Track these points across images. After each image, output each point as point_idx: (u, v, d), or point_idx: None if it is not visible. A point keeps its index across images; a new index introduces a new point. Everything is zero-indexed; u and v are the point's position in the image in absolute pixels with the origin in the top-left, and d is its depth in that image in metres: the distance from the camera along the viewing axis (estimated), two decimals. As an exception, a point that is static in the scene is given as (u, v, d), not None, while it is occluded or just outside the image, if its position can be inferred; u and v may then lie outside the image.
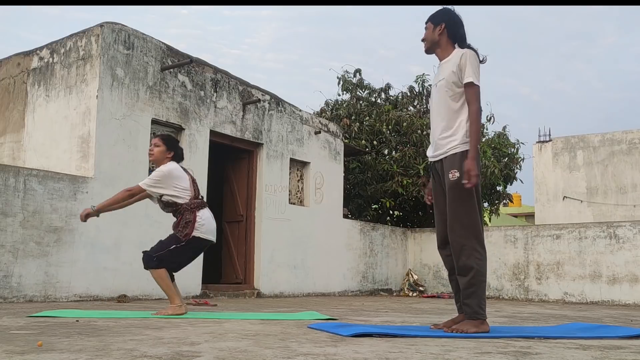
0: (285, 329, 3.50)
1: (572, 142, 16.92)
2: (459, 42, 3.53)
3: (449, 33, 3.53)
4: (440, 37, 3.53)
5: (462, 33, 3.54)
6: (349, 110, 13.05)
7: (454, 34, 3.53)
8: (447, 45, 3.54)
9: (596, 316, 5.79)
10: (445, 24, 3.52)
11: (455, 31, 3.53)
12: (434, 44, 3.58)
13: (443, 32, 3.53)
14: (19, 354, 2.23)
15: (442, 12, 3.59)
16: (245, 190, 8.85)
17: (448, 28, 3.52)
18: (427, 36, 3.60)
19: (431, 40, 3.58)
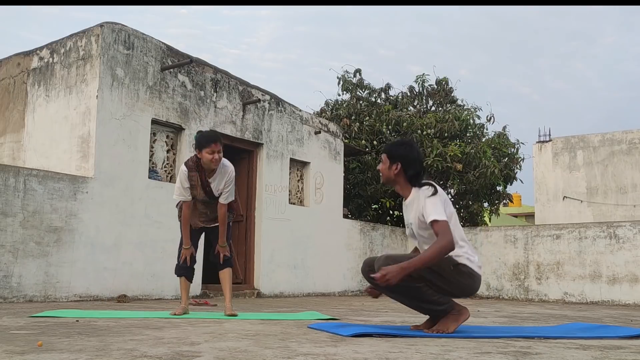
0: (285, 329, 3.50)
1: (572, 142, 16.92)
2: (415, 180, 3.37)
3: (405, 172, 3.36)
4: (396, 176, 3.38)
5: (418, 170, 3.37)
6: (349, 110, 13.05)
7: (410, 174, 3.36)
8: (404, 184, 3.39)
9: (596, 316, 5.79)
10: (400, 164, 3.35)
11: (410, 170, 3.36)
12: (391, 182, 3.44)
13: (399, 172, 3.37)
14: (19, 354, 2.23)
15: (399, 149, 3.40)
16: (245, 190, 8.85)
17: (404, 168, 3.36)
18: (382, 171, 3.44)
19: (387, 177, 3.43)
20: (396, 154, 3.38)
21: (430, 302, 3.28)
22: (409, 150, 3.40)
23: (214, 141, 4.22)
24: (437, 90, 13.78)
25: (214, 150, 4.23)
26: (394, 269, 3.09)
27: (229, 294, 4.59)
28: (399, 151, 3.39)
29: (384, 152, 3.47)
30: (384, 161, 3.42)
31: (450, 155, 11.80)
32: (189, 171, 4.37)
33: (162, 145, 7.51)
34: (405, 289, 3.25)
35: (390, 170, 3.39)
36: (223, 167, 4.38)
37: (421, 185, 3.34)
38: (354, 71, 13.68)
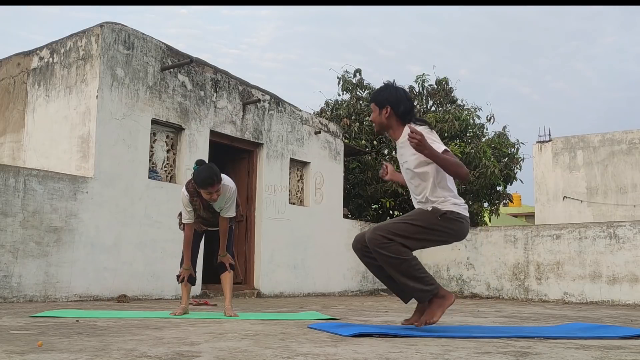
0: (285, 329, 3.50)
1: (572, 142, 16.92)
2: (403, 119, 3.42)
3: (396, 114, 3.41)
4: (388, 119, 3.44)
5: (407, 108, 3.42)
6: (349, 110, 13.05)
7: (401, 113, 3.41)
8: (397, 125, 3.43)
9: (596, 316, 5.79)
10: (390, 107, 3.41)
11: (400, 110, 3.41)
12: (383, 127, 3.49)
13: (390, 115, 3.42)
14: (19, 354, 2.23)
15: (384, 92, 3.46)
16: (245, 190, 8.84)
17: (394, 109, 3.41)
18: (374, 119, 3.50)
19: (379, 123, 3.48)
20: (382, 98, 3.45)
21: (417, 280, 3.26)
22: (393, 91, 3.47)
23: (210, 185, 4.19)
24: (437, 90, 13.78)
25: (210, 192, 4.23)
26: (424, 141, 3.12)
27: (229, 295, 4.59)
28: (384, 95, 3.46)
29: (370, 101, 3.54)
30: (374, 110, 3.50)
31: (450, 155, 11.79)
32: (191, 196, 4.38)
33: (162, 145, 7.51)
34: (396, 261, 3.26)
35: (381, 115, 3.46)
36: (223, 187, 4.35)
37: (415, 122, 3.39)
38: (354, 71, 13.68)
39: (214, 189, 4.20)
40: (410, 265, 3.27)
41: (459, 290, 10.94)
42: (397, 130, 3.46)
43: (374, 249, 3.31)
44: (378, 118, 3.48)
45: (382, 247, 3.27)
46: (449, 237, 3.39)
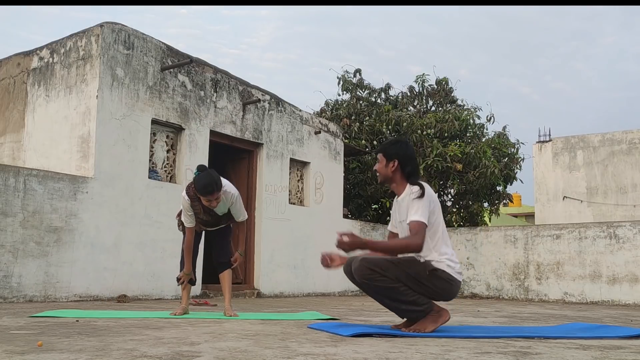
0: (285, 329, 3.50)
1: (572, 142, 16.92)
2: (411, 177, 3.43)
3: (402, 170, 3.43)
4: (393, 174, 3.45)
5: (414, 167, 3.45)
6: (349, 110, 13.05)
7: (406, 171, 3.43)
8: (401, 180, 3.45)
9: (596, 316, 5.79)
10: (398, 161, 3.43)
11: (407, 167, 3.43)
12: (387, 180, 3.50)
13: (396, 169, 3.44)
14: (19, 354, 2.23)
15: (395, 147, 3.48)
16: (245, 190, 8.84)
17: (401, 165, 3.43)
18: (379, 170, 3.51)
19: (384, 175, 3.49)
20: (392, 152, 3.46)
21: (408, 303, 3.27)
22: (404, 147, 3.48)
23: (210, 193, 4.21)
24: (437, 90, 13.78)
25: (210, 200, 4.25)
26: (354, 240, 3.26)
27: (229, 295, 4.59)
28: (394, 149, 3.47)
29: (379, 151, 3.53)
30: (380, 160, 3.49)
31: (450, 155, 11.81)
32: (192, 201, 4.37)
33: (162, 145, 7.51)
34: (384, 289, 3.27)
35: (387, 168, 3.46)
36: (224, 193, 4.37)
37: (414, 183, 3.38)
38: (354, 71, 13.68)
39: (213, 196, 4.22)
40: (399, 292, 3.26)
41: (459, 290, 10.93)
42: (400, 186, 3.46)
43: (361, 280, 3.34)
44: (384, 170, 3.48)
45: (368, 279, 3.29)
46: (434, 294, 3.33)
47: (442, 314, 3.31)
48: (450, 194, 13.47)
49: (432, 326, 3.26)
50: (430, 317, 3.29)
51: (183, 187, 7.47)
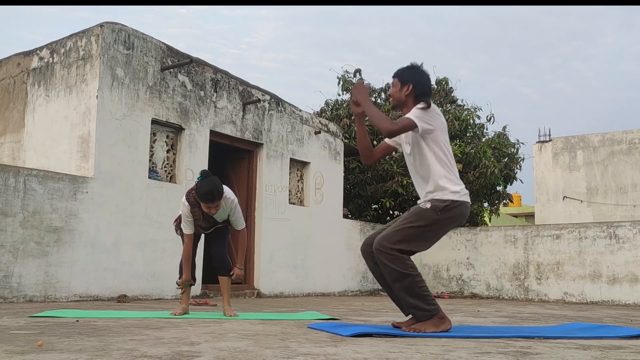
0: (285, 329, 3.50)
1: (572, 142, 16.92)
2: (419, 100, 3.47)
3: (416, 94, 3.47)
4: (407, 97, 3.49)
5: (427, 92, 3.50)
6: (349, 110, 13.04)
7: (419, 95, 3.46)
8: (412, 105, 3.47)
9: (596, 316, 5.79)
10: (412, 85, 3.47)
11: (421, 92, 3.47)
12: (401, 104, 3.53)
13: (410, 93, 3.47)
14: (19, 354, 2.23)
15: (410, 71, 3.52)
16: (245, 190, 8.85)
17: (415, 89, 3.47)
18: (393, 94, 3.55)
19: (397, 99, 3.53)
20: (408, 76, 3.51)
21: (419, 297, 3.27)
22: (420, 73, 3.54)
23: (211, 200, 4.22)
24: (437, 90, 13.78)
25: (210, 207, 4.26)
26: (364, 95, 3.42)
27: (227, 297, 4.59)
28: (410, 73, 3.52)
29: (395, 76, 3.57)
30: (395, 85, 3.55)
31: (450, 155, 11.79)
32: (192, 207, 4.38)
33: (162, 145, 7.51)
34: (402, 275, 3.26)
35: (401, 92, 3.52)
36: (224, 200, 4.37)
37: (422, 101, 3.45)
38: (354, 71, 13.68)
39: (213, 204, 4.23)
40: (414, 281, 3.27)
41: (459, 290, 10.94)
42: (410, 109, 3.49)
43: (381, 260, 3.32)
44: (398, 94, 3.53)
45: (389, 260, 3.28)
46: (452, 223, 3.42)
47: (444, 321, 3.30)
48: (450, 194, 13.44)
49: (432, 329, 3.25)
50: (433, 320, 3.28)
51: (183, 187, 7.51)
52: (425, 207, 3.35)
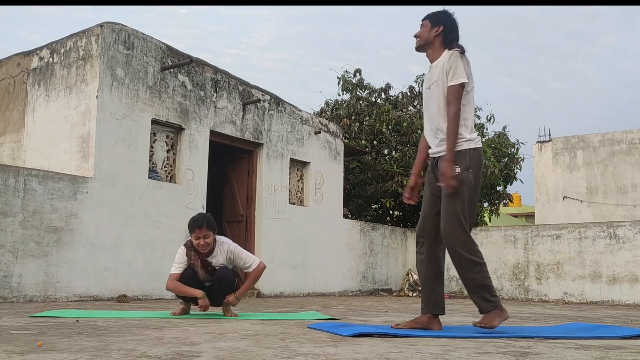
0: (285, 329, 3.50)
1: (572, 142, 16.92)
2: (449, 45, 3.54)
3: (444, 36, 3.53)
4: (435, 38, 3.55)
5: (455, 37, 3.56)
6: (349, 110, 13.04)
7: (448, 38, 3.54)
8: (439, 47, 3.55)
9: (596, 316, 5.79)
10: (443, 27, 3.53)
11: (450, 35, 3.53)
12: (428, 44, 3.58)
13: (439, 34, 3.54)
14: (19, 354, 2.23)
15: (442, 14, 3.59)
16: (245, 190, 8.85)
17: (445, 31, 3.53)
18: (422, 34, 3.59)
19: (425, 39, 3.57)
20: (439, 18, 3.57)
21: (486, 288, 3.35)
22: (452, 17, 3.60)
23: (199, 227, 4.21)
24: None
25: (199, 236, 4.23)
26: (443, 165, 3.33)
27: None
28: (442, 15, 3.59)
29: (425, 18, 3.63)
30: (425, 25, 3.59)
31: (450, 155, 11.78)
32: (187, 250, 4.37)
33: (162, 145, 7.51)
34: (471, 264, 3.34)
35: (430, 32, 3.56)
36: (221, 245, 4.38)
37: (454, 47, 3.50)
38: (354, 71, 13.68)
39: (201, 232, 4.20)
40: (482, 270, 3.36)
41: (459, 290, 10.94)
42: (436, 52, 3.57)
43: (452, 247, 3.37)
44: (426, 33, 3.58)
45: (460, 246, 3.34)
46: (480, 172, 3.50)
47: (503, 310, 3.38)
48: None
49: (498, 321, 3.32)
50: (496, 311, 3.35)
51: (183, 187, 7.52)
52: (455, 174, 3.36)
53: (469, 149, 3.40)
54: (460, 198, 3.36)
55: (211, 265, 4.37)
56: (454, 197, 3.35)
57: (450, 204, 3.37)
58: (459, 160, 3.38)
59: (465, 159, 3.39)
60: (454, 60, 3.41)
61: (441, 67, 3.47)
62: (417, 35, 3.62)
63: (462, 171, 3.37)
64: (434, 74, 3.53)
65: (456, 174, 3.35)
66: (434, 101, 3.51)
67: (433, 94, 3.52)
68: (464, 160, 3.38)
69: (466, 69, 3.41)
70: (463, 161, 3.38)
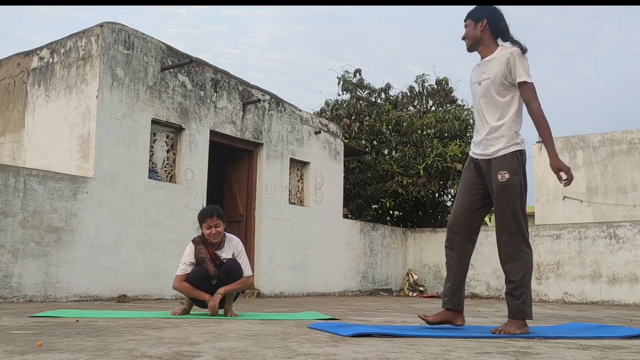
0: (285, 329, 3.50)
1: (572, 142, 16.92)
2: (501, 36, 3.45)
3: (491, 28, 3.43)
4: (482, 33, 3.45)
5: (504, 26, 3.45)
6: (349, 110, 13.05)
7: (496, 29, 3.44)
8: (489, 41, 3.46)
9: (596, 316, 5.79)
10: (487, 20, 3.43)
11: (497, 26, 3.43)
12: (477, 41, 3.49)
13: (485, 28, 3.44)
14: (19, 354, 2.23)
15: (482, 8, 3.50)
16: (245, 190, 8.85)
17: (490, 23, 3.43)
18: (468, 33, 3.50)
19: (473, 37, 3.48)
20: (480, 13, 3.47)
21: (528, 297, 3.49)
22: (492, 8, 3.51)
23: (209, 216, 4.35)
24: (437, 90, 13.78)
25: (210, 225, 4.35)
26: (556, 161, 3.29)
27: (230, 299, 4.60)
28: (481, 10, 3.49)
29: (467, 17, 3.54)
30: (469, 24, 3.51)
31: (450, 155, 11.81)
32: (196, 245, 4.46)
33: (162, 145, 7.51)
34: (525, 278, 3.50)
35: (476, 29, 3.47)
36: (230, 241, 4.52)
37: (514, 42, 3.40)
38: (354, 71, 13.69)
39: (212, 221, 4.34)
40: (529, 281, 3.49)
41: (459, 290, 10.94)
42: (488, 47, 3.47)
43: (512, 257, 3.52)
44: (472, 32, 3.48)
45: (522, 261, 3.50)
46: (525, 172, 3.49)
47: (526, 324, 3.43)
48: (450, 194, 13.46)
49: (519, 331, 3.33)
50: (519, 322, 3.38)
51: (183, 187, 7.52)
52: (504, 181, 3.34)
53: (515, 152, 3.36)
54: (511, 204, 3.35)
55: (219, 258, 4.44)
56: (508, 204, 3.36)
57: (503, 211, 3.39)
58: (506, 165, 3.33)
59: (513, 162, 3.34)
60: (518, 58, 3.32)
61: (498, 63, 3.36)
62: (464, 37, 3.55)
63: (510, 176, 3.33)
64: (485, 70, 3.43)
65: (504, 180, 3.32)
66: (485, 97, 3.43)
67: (485, 89, 3.42)
68: (511, 164, 3.34)
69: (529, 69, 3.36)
70: (510, 165, 3.33)
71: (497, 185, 3.38)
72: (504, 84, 3.36)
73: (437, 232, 11.62)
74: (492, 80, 3.38)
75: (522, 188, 3.37)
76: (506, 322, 3.41)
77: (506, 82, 3.35)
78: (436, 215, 13.56)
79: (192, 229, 7.49)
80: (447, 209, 13.65)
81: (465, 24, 3.53)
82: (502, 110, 3.38)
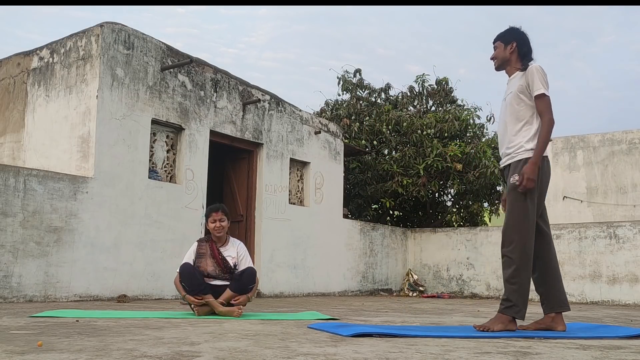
0: (285, 329, 3.50)
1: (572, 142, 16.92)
2: (526, 58, 3.74)
3: (519, 51, 3.75)
4: (511, 55, 3.77)
5: (528, 50, 3.76)
6: (349, 110, 13.04)
7: (523, 52, 3.75)
8: (516, 62, 3.76)
9: (596, 316, 5.79)
10: (516, 43, 3.75)
11: (524, 49, 3.75)
12: (505, 62, 3.81)
13: (514, 51, 3.76)
14: (19, 354, 2.23)
15: (512, 31, 3.80)
16: (245, 190, 8.84)
17: (519, 47, 3.75)
18: (497, 55, 3.81)
19: (502, 58, 3.80)
20: (510, 36, 3.79)
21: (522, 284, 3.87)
22: (521, 32, 3.80)
23: (215, 210, 4.62)
24: (437, 90, 13.78)
25: (215, 219, 4.59)
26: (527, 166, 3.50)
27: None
28: (511, 33, 3.81)
29: (496, 40, 3.83)
30: (498, 47, 3.82)
31: (450, 155, 11.80)
32: (199, 242, 4.68)
33: (162, 145, 7.51)
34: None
35: (506, 51, 3.78)
36: (234, 241, 4.74)
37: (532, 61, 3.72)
38: (354, 71, 13.68)
39: (217, 215, 4.58)
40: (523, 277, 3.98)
41: (459, 290, 10.95)
42: (514, 67, 3.78)
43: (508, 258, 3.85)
44: (502, 53, 3.80)
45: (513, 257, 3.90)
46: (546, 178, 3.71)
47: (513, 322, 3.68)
48: (450, 194, 13.46)
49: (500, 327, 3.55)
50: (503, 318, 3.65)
51: (183, 187, 7.52)
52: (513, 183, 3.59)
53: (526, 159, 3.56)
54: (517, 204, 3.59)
55: (222, 255, 4.60)
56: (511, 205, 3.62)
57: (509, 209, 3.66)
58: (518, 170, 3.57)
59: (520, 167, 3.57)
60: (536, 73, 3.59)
61: (519, 79, 3.68)
62: (493, 57, 3.86)
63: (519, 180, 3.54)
64: (511, 86, 3.74)
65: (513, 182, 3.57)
66: (506, 112, 3.72)
67: (508, 104, 3.72)
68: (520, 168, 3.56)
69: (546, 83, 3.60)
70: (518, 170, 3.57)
71: (508, 187, 3.68)
72: (524, 95, 3.63)
73: (437, 232, 11.62)
74: (513, 94, 3.68)
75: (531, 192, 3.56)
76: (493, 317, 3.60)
77: (526, 93, 3.63)
78: (436, 215, 13.56)
79: (192, 229, 7.51)
80: (447, 209, 13.66)
81: (494, 45, 3.86)
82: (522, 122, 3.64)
